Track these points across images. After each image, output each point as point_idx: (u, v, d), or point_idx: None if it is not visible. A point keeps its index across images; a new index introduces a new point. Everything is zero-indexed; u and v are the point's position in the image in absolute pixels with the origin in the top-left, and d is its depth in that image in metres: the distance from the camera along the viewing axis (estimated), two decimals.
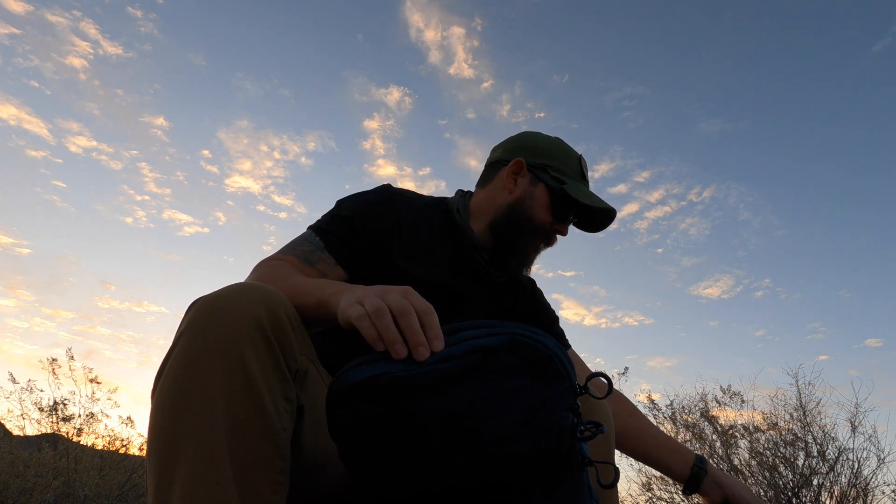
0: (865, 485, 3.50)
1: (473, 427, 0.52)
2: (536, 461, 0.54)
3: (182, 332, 0.61)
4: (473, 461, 0.53)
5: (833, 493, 3.56)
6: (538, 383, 0.54)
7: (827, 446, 3.65)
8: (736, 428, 4.11)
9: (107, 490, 3.54)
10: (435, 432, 0.52)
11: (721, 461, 4.02)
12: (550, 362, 0.56)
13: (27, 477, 3.29)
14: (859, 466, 3.53)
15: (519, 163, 1.04)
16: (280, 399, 0.62)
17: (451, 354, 0.55)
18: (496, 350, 0.54)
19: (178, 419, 0.57)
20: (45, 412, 3.84)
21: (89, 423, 3.92)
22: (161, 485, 0.56)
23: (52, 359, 3.88)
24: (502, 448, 0.52)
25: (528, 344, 0.55)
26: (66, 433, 3.83)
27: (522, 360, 0.55)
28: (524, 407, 0.53)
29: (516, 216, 1.01)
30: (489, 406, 0.52)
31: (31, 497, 3.22)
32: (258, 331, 0.61)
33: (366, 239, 0.95)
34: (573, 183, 1.02)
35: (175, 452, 0.56)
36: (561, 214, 1.02)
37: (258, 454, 0.59)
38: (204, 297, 0.63)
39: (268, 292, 0.64)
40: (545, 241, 1.05)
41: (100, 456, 3.84)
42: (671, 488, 4.27)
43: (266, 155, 7.19)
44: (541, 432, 0.54)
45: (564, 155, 1.05)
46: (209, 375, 0.58)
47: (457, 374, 0.53)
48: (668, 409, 4.50)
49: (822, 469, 3.61)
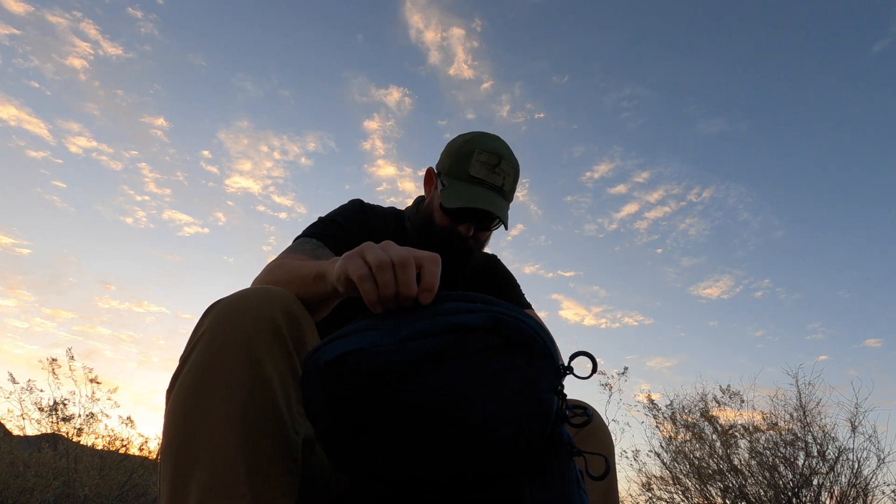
0: (865, 485, 3.50)
1: (453, 409, 0.50)
2: (522, 444, 0.53)
3: (201, 335, 0.61)
4: (455, 446, 0.51)
5: (833, 493, 3.56)
6: (521, 364, 0.52)
7: (827, 446, 3.65)
8: (736, 428, 4.11)
9: (107, 490, 3.54)
10: (412, 415, 0.50)
11: (721, 461, 4.02)
12: (533, 342, 0.53)
13: (27, 477, 3.29)
14: (859, 466, 3.53)
15: (429, 172, 1.14)
16: (294, 403, 0.62)
17: (427, 331, 0.51)
18: (476, 329, 0.51)
19: (196, 421, 0.57)
20: (45, 412, 3.84)
21: (89, 423, 3.92)
22: (177, 485, 0.56)
23: (52, 359, 3.89)
24: (485, 432, 0.51)
25: (510, 323, 0.53)
26: (66, 433, 3.83)
27: (504, 339, 0.52)
28: (507, 388, 0.51)
29: (424, 222, 1.09)
30: (469, 388, 0.50)
31: (31, 497, 3.22)
32: (275, 334, 0.61)
33: (351, 241, 1.02)
34: (453, 184, 1.04)
35: (192, 455, 0.56)
36: (452, 216, 1.05)
37: (272, 459, 0.59)
38: (223, 300, 0.63)
39: (284, 296, 0.65)
40: (455, 240, 1.06)
41: (100, 456, 3.84)
42: (671, 488, 4.27)
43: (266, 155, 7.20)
44: (525, 415, 0.52)
45: (459, 155, 1.06)
46: (228, 379, 0.58)
47: (433, 353, 0.50)
48: (667, 409, 4.50)
49: (822, 469, 3.61)
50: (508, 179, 1.07)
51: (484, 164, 1.04)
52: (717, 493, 3.99)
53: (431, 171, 1.13)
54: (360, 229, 1.07)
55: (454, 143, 1.10)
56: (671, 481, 4.27)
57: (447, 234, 1.06)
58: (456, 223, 1.05)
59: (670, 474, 4.29)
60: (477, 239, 1.09)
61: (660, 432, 4.48)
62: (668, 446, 4.39)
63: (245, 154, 7.21)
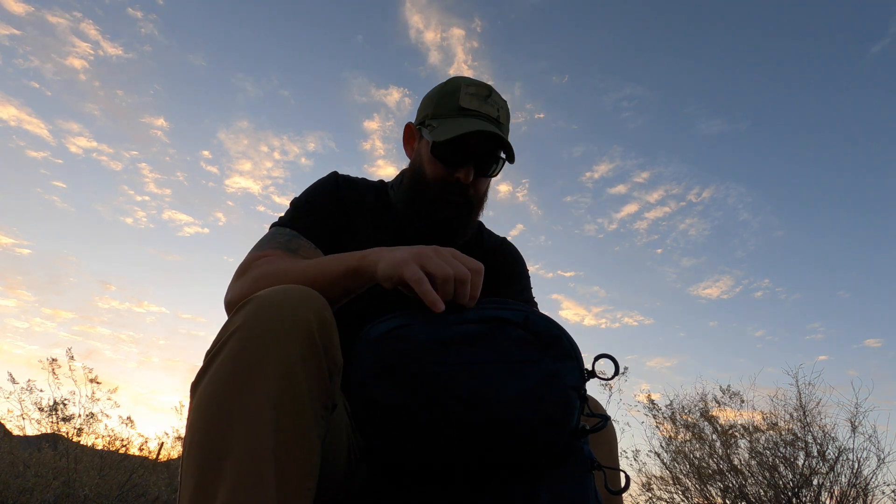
0: (865, 485, 3.50)
1: (483, 388, 0.57)
2: (543, 437, 0.58)
3: (234, 330, 0.60)
4: (481, 427, 0.57)
5: (833, 493, 3.56)
6: (547, 359, 0.59)
7: (827, 446, 3.65)
8: (736, 428, 4.11)
9: (107, 490, 3.54)
10: (446, 389, 0.57)
11: (721, 461, 4.02)
12: (559, 341, 0.60)
13: (27, 477, 3.29)
14: (859, 466, 3.53)
15: (408, 128, 1.02)
16: (319, 406, 0.62)
17: (466, 318, 0.61)
18: (509, 322, 0.60)
19: (228, 415, 0.56)
20: (45, 412, 3.83)
21: (89, 423, 3.92)
22: (204, 478, 0.55)
23: (52, 359, 3.88)
24: (510, 411, 0.57)
25: (539, 322, 0.60)
26: (66, 433, 3.82)
27: (533, 335, 0.60)
28: (533, 376, 0.58)
29: (416, 180, 0.97)
30: (499, 371, 0.58)
31: (31, 497, 3.22)
32: (307, 334, 0.61)
33: (326, 218, 0.97)
34: (443, 123, 0.92)
35: (224, 448, 0.55)
36: (446, 159, 0.92)
37: (297, 459, 0.59)
38: (258, 296, 0.63)
39: (317, 298, 0.64)
40: (452, 195, 0.94)
41: (100, 456, 3.84)
42: (671, 488, 4.27)
43: (266, 155, 7.20)
44: (549, 403, 0.58)
45: (442, 96, 0.95)
46: (262, 377, 0.58)
47: (470, 336, 0.59)
48: (667, 409, 4.50)
49: (822, 469, 3.62)
50: (503, 112, 0.96)
51: (474, 96, 0.93)
52: (717, 493, 3.99)
53: (410, 125, 1.02)
54: (336, 206, 0.99)
55: (433, 90, 1.00)
56: (671, 481, 4.27)
57: (442, 188, 0.94)
58: (453, 169, 0.92)
59: (670, 474, 4.29)
60: (476, 189, 0.96)
61: (660, 432, 4.49)
62: (668, 446, 4.39)
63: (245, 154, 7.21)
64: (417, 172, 0.97)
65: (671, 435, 4.41)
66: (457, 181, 0.93)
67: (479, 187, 0.97)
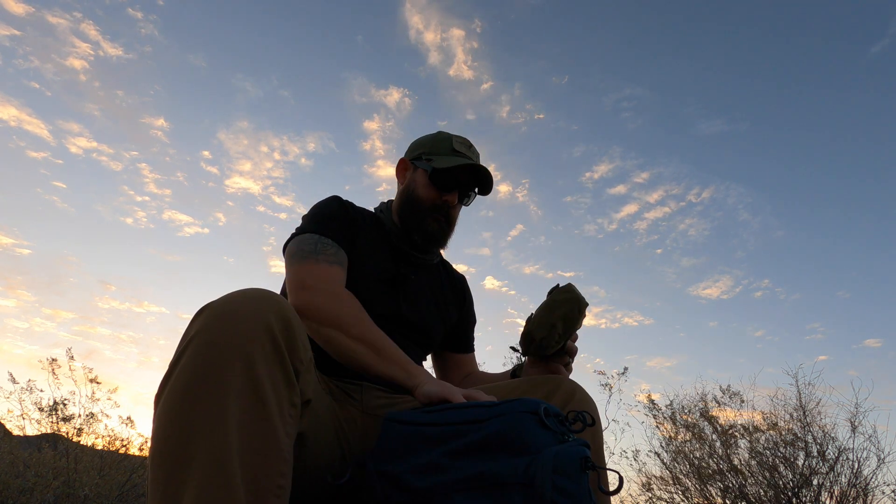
0: (865, 485, 3.50)
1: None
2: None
3: (192, 337, 0.61)
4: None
5: (833, 493, 3.56)
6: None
7: (827, 446, 3.65)
8: (736, 428, 4.11)
9: (107, 490, 3.54)
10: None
11: (721, 461, 4.02)
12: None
13: (27, 477, 3.29)
14: (859, 466, 3.53)
15: (402, 161, 1.28)
16: (286, 405, 0.63)
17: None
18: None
19: (190, 422, 0.57)
20: (45, 412, 3.83)
21: (89, 423, 3.92)
22: (170, 486, 0.55)
23: (52, 359, 3.88)
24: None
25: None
26: (66, 433, 3.82)
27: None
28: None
29: (407, 200, 1.21)
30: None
31: (31, 497, 3.22)
32: (268, 336, 0.62)
33: (345, 228, 1.14)
34: (441, 157, 1.19)
35: (187, 455, 0.56)
36: (440, 185, 1.18)
37: (265, 458, 0.60)
38: (214, 302, 0.64)
39: (277, 299, 0.65)
40: (439, 213, 1.19)
41: (100, 456, 3.84)
42: (671, 488, 4.27)
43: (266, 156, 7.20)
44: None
45: (435, 141, 1.23)
46: (222, 380, 0.58)
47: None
48: (667, 409, 4.50)
49: (822, 469, 3.62)
50: (478, 159, 1.25)
51: (462, 143, 1.22)
52: (717, 493, 3.99)
53: (405, 160, 1.27)
54: (346, 220, 1.16)
55: (423, 137, 1.27)
56: (671, 481, 4.27)
57: (432, 207, 1.18)
58: (444, 193, 1.18)
59: (670, 474, 4.29)
60: (454, 213, 1.22)
61: (660, 432, 4.49)
62: (668, 446, 4.39)
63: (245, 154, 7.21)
64: (411, 195, 1.21)
65: (671, 435, 4.41)
66: (444, 203, 1.18)
67: (456, 212, 1.23)
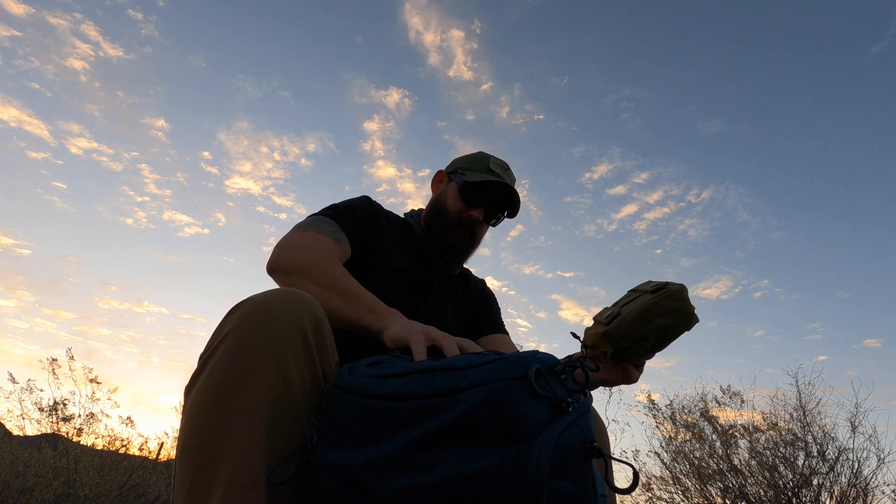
0: (865, 485, 3.50)
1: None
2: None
3: (227, 333, 0.61)
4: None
5: (833, 493, 3.56)
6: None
7: (827, 446, 3.65)
8: (736, 428, 4.11)
9: (107, 490, 3.54)
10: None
11: (721, 461, 4.02)
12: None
13: (27, 477, 3.29)
14: (859, 466, 3.53)
15: (439, 173, 1.34)
16: (312, 408, 0.63)
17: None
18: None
19: (221, 418, 0.57)
20: (45, 412, 3.83)
21: (89, 423, 3.92)
22: (199, 478, 0.56)
23: (52, 359, 3.88)
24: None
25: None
26: (66, 433, 3.82)
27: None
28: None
29: (437, 210, 1.24)
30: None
31: (31, 497, 3.22)
32: (303, 340, 0.62)
33: (363, 228, 1.13)
34: (475, 173, 1.22)
35: (217, 451, 0.56)
36: (468, 199, 1.21)
37: (290, 460, 0.59)
38: (251, 299, 0.64)
39: (311, 301, 0.66)
40: (462, 227, 1.21)
41: (100, 456, 3.83)
42: (671, 488, 4.27)
43: (266, 156, 7.21)
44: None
45: (474, 159, 1.27)
46: (256, 379, 0.58)
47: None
48: (667, 409, 4.50)
49: (822, 469, 3.62)
50: (513, 182, 1.27)
51: (499, 166, 1.25)
52: (717, 493, 3.99)
53: (442, 172, 1.32)
54: (370, 219, 1.16)
55: (467, 155, 1.30)
56: (671, 481, 4.27)
57: (457, 220, 1.21)
58: (470, 207, 1.20)
59: (670, 474, 4.29)
60: (480, 230, 1.24)
61: (660, 432, 4.49)
62: (668, 446, 4.39)
63: (245, 155, 7.22)
64: (440, 205, 1.24)
65: (671, 435, 4.41)
66: (470, 217, 1.21)
67: (482, 230, 1.25)
